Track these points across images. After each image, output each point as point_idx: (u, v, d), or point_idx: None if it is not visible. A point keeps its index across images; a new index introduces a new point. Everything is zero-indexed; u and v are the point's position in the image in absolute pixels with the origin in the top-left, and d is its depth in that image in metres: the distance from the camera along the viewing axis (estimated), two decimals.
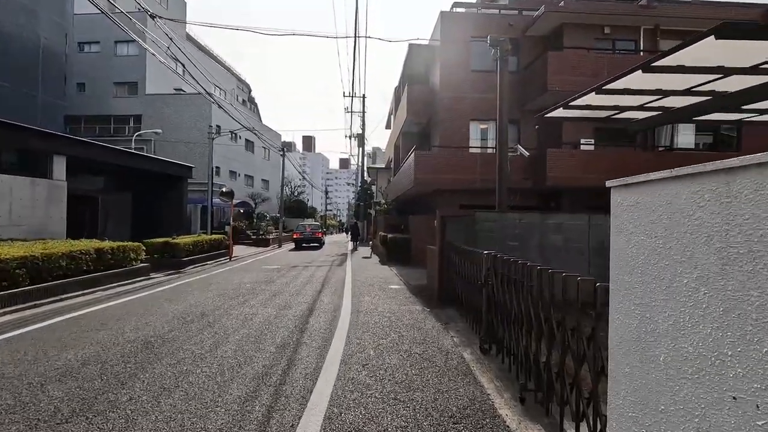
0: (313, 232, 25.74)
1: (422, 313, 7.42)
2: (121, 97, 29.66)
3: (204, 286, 10.50)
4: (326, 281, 11.45)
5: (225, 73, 43.27)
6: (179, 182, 19.08)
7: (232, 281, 11.42)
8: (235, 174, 33.13)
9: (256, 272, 13.61)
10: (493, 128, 16.52)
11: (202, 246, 16.68)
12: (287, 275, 12.81)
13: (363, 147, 35.35)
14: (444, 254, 8.02)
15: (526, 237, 8.07)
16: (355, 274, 13.20)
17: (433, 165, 15.04)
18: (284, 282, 11.28)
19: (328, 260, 17.95)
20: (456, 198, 15.94)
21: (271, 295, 9.08)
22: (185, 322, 6.50)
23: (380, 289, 10.07)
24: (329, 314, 7.16)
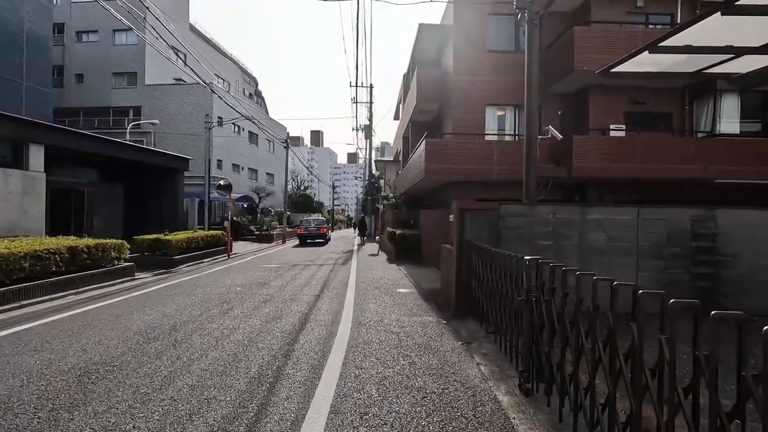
0: (317, 228, 24.57)
1: (437, 326, 6.15)
2: (120, 88, 28.69)
3: (190, 290, 9.34)
4: (327, 283, 10.23)
5: (229, 65, 42.15)
6: (175, 175, 17.98)
7: (222, 283, 10.25)
8: (238, 167, 32.05)
9: (253, 272, 12.45)
10: (512, 114, 15.13)
11: (197, 243, 15.58)
12: (285, 276, 11.62)
13: (370, 139, 34.06)
14: (463, 255, 6.73)
15: (561, 235, 6.73)
16: (360, 274, 11.96)
17: (446, 154, 13.70)
18: (280, 284, 10.08)
19: (332, 258, 16.75)
20: (471, 191, 14.58)
21: (262, 302, 7.88)
22: (147, 340, 5.31)
23: (387, 294, 8.81)
24: (325, 329, 5.92)
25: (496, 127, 15.00)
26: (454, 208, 7.02)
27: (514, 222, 6.75)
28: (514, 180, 14.08)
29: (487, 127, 14.81)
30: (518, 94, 15.06)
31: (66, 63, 28.99)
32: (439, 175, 13.76)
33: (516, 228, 6.74)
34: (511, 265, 4.59)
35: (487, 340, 5.35)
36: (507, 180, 13.75)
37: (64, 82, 29.17)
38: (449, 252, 7.72)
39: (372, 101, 33.75)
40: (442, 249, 8.54)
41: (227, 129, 30.05)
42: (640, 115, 14.04)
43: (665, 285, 6.59)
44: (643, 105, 13.85)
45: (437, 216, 14.83)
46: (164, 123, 28.14)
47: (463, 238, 6.75)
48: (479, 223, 6.75)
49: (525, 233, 6.73)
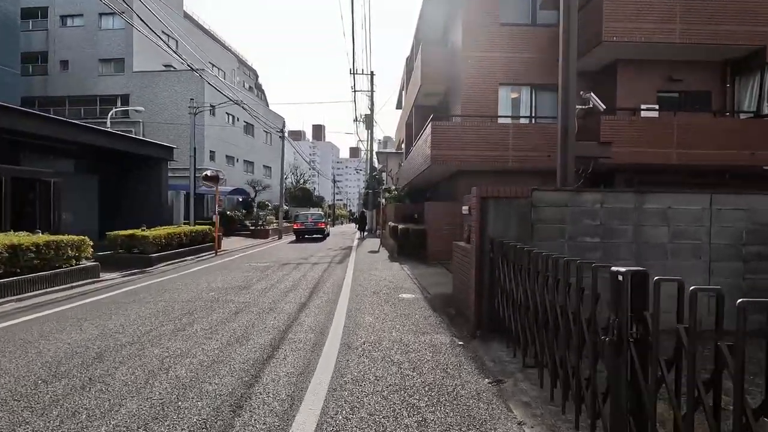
0: (315, 223, 23.10)
1: (452, 351, 4.65)
2: (107, 75, 27.17)
3: (154, 295, 7.88)
4: (318, 287, 8.75)
5: (225, 54, 40.52)
6: (157, 165, 16.50)
7: (196, 287, 8.79)
8: (233, 159, 30.54)
9: (236, 272, 10.99)
10: (527, 94, 13.53)
11: (179, 239, 14.12)
12: (271, 277, 10.15)
13: (372, 129, 32.48)
14: (484, 256, 5.22)
15: (612, 231, 5.20)
16: (358, 275, 10.48)
17: (454, 139, 12.15)
18: (263, 288, 8.61)
19: (328, 255, 15.27)
20: (482, 181, 12.99)
21: (233, 313, 6.40)
22: (52, 376, 3.84)
23: (387, 302, 7.32)
24: (303, 356, 4.44)
25: (509, 109, 13.41)
26: (473, 195, 5.50)
27: (551, 213, 5.22)
28: (531, 169, 12.55)
29: (500, 109, 13.23)
30: (535, 72, 13.50)
31: (50, 49, 27.49)
32: (446, 162, 12.21)
33: (553, 221, 5.21)
34: (568, 275, 3.08)
35: (524, 376, 3.84)
36: (523, 168, 12.21)
37: (49, 69, 27.69)
38: (464, 252, 6.21)
39: (373, 89, 32.14)
40: (455, 247, 7.04)
41: (220, 119, 28.53)
42: (674, 94, 12.43)
43: (746, 293, 5.08)
44: (679, 83, 12.23)
45: (444, 209, 13.31)
46: (154, 112, 26.65)
47: (485, 235, 5.23)
48: (505, 215, 5.22)
49: (565, 228, 5.21)
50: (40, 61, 27.99)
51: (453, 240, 13.56)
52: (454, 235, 13.50)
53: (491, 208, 5.23)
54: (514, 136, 12.16)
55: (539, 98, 13.47)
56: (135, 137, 15.29)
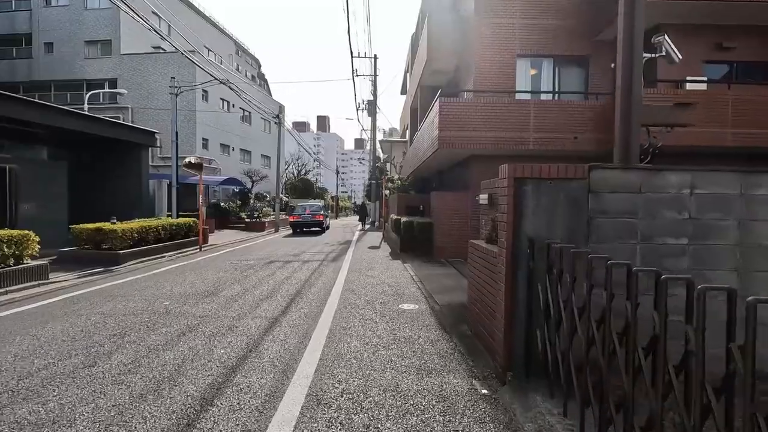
0: (312, 215, 21.51)
1: (475, 413, 3.06)
2: (94, 59, 25.62)
3: (94, 305, 6.36)
4: (301, 293, 7.20)
5: (221, 37, 38.77)
6: (136, 151, 14.97)
7: (154, 292, 7.27)
8: (228, 148, 28.96)
9: (212, 272, 9.46)
10: (549, 67, 11.76)
11: (156, 233, 12.61)
12: (250, 278, 8.60)
13: (375, 116, 30.72)
14: (518, 265, 3.59)
15: (707, 227, 3.55)
16: (352, 276, 8.91)
17: (465, 118, 10.47)
18: (233, 294, 7.07)
19: (323, 251, 13.71)
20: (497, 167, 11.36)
21: (177, 335, 4.86)
22: None
23: (384, 316, 5.73)
24: (241, 425, 2.87)
25: (529, 84, 11.67)
26: (503, 176, 3.85)
27: (617, 202, 3.57)
28: (555, 153, 10.86)
29: (519, 84, 11.50)
30: (558, 41, 11.75)
31: (34, 30, 25.95)
32: (456, 145, 10.54)
33: (619, 213, 3.57)
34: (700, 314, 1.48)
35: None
36: (547, 152, 10.52)
37: (33, 52, 26.18)
38: (485, 255, 4.59)
39: (376, 74, 30.34)
40: (471, 248, 5.41)
41: (214, 104, 26.96)
42: (724, 63, 10.63)
43: None
44: (731, 51, 10.42)
45: (453, 200, 11.68)
46: (143, 97, 25.12)
47: (521, 233, 3.59)
48: (549, 205, 3.59)
49: (636, 224, 3.56)
50: (24, 44, 26.50)
51: (462, 234, 11.98)
52: (463, 229, 11.92)
53: (530, 194, 3.60)
54: (535, 115, 10.46)
55: (563, 72, 11.72)
56: (109, 119, 13.73)
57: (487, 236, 4.96)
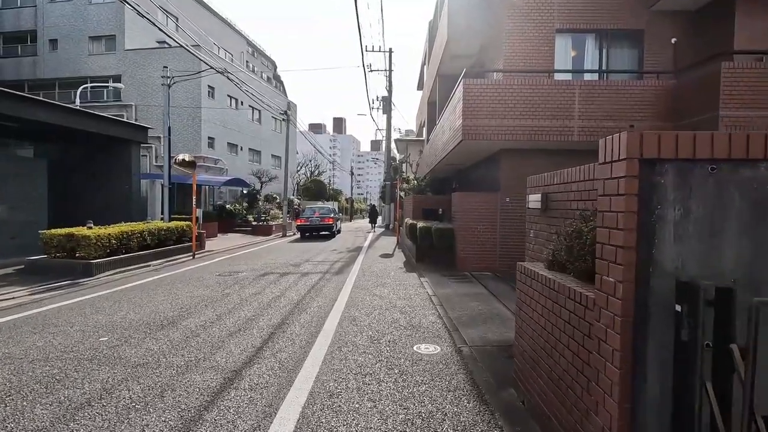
0: (321, 218, 19.91)
1: None
2: (98, 55, 24.65)
3: (13, 339, 4.83)
4: (286, 322, 5.55)
5: (233, 35, 37.69)
6: (126, 149, 13.64)
7: (103, 318, 5.73)
8: (236, 147, 27.63)
9: (190, 289, 7.91)
10: (594, 43, 9.87)
11: (140, 239, 11.19)
12: (231, 298, 7.00)
13: (390, 114, 29.06)
14: (646, 336, 1.82)
15: None
16: (356, 296, 7.22)
17: (494, 103, 8.69)
18: (199, 324, 5.46)
19: (328, 260, 12.07)
20: (532, 163, 9.54)
21: (84, 402, 3.24)
22: None
23: (392, 368, 4.02)
24: None
25: (570, 63, 9.81)
26: (617, 152, 2.04)
27: None
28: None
29: (558, 63, 9.65)
30: (605, 13, 9.87)
31: (39, 27, 25.17)
32: (484, 136, 8.76)
33: None
34: None
35: None
36: (595, 145, 8.66)
37: (38, 49, 25.39)
38: (557, 294, 2.80)
39: (391, 69, 28.70)
40: (523, 275, 3.60)
41: (221, 101, 25.69)
42: None
43: None
44: None
45: (479, 201, 9.89)
46: (147, 94, 24.03)
47: (656, 268, 1.82)
48: (711, 212, 1.81)
49: None
50: (29, 41, 25.76)
51: (490, 242, 10.16)
52: (491, 237, 10.07)
53: (672, 191, 1.82)
54: (581, 99, 8.61)
55: (612, 49, 9.82)
56: (92, 112, 12.40)
57: (548, 260, 3.21)
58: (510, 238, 9.67)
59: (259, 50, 70.21)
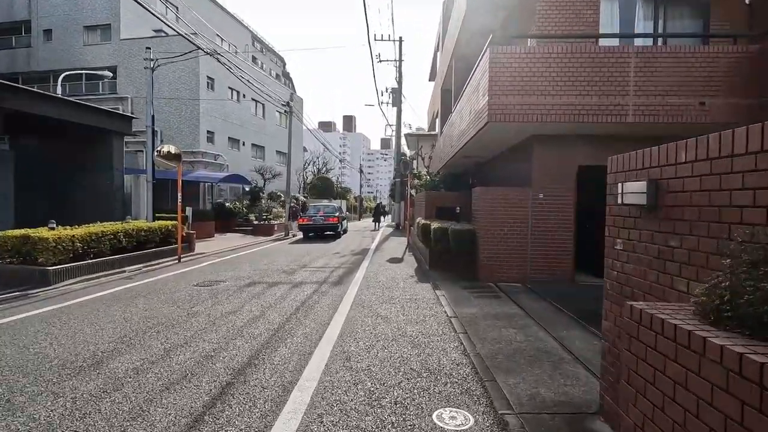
0: (325, 217, 18.39)
1: None
2: (93, 45, 23.50)
3: None
4: (254, 362, 4.02)
5: (237, 27, 36.37)
6: (107, 140, 12.29)
7: (10, 354, 4.26)
8: (237, 142, 26.25)
9: (150, 305, 6.44)
10: (646, 4, 8.12)
11: (113, 241, 9.80)
12: (196, 322, 5.50)
13: (399, 105, 27.45)
14: None
15: None
16: (355, 318, 5.66)
17: (526, 77, 7.06)
18: (135, 364, 3.96)
19: (329, 265, 10.54)
20: (572, 152, 7.90)
21: None
22: None
23: None
24: None
25: (617, 26, 8.08)
26: None
27: None
28: (664, 127, 7.24)
29: (604, 28, 7.95)
30: None
31: (33, 17, 24.10)
32: (514, 117, 7.11)
33: None
34: None
35: None
36: (656, 127, 6.94)
37: (32, 40, 24.33)
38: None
39: (401, 58, 27.07)
40: (647, 330, 1.94)
41: (222, 93, 24.33)
42: None
43: None
44: None
45: (508, 198, 8.24)
46: (144, 86, 22.70)
47: None
48: None
49: None
50: (23, 32, 24.72)
51: (520, 247, 8.45)
52: (521, 241, 8.33)
53: None
54: (638, 70, 6.91)
55: (670, 10, 8.08)
56: (69, 99, 11.07)
57: (704, 304, 1.59)
58: (544, 241, 8.02)
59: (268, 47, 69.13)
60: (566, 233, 7.98)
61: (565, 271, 8.01)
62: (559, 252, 8.01)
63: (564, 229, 7.99)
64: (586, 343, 4.68)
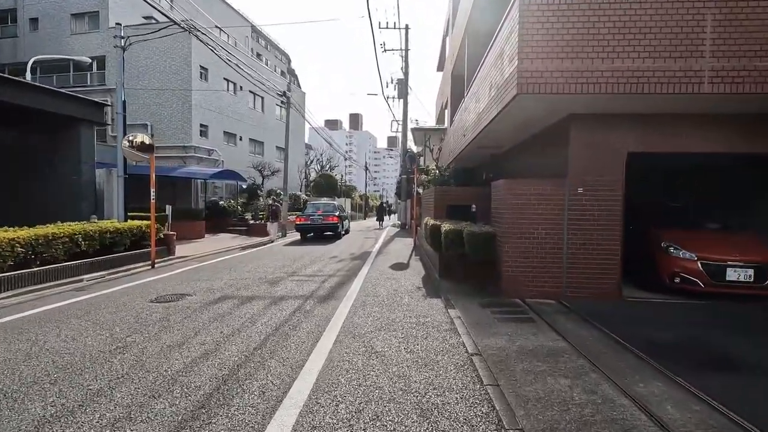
0: (324, 217, 16.86)
1: None
2: (81, 34, 22.19)
3: None
4: None
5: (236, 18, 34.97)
6: (73, 130, 10.88)
7: None
8: (234, 137, 24.80)
9: (87, 328, 4.97)
10: None
11: (69, 245, 8.37)
12: (125, 357, 3.99)
13: (406, 98, 25.85)
14: None
15: None
16: (341, 357, 4.10)
17: (566, 35, 5.44)
18: None
19: (321, 273, 9.01)
20: (623, 135, 6.30)
21: None
22: None
23: None
24: None
25: None
26: None
27: None
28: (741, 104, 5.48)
29: None
30: None
31: (19, 5, 22.88)
32: (551, 86, 5.49)
33: None
34: None
35: None
36: (724, 105, 5.32)
37: (18, 30, 23.13)
38: None
39: (407, 47, 25.45)
40: None
41: (216, 84, 22.91)
42: None
43: None
44: None
45: (537, 193, 6.64)
46: (132, 76, 21.43)
47: None
48: None
49: None
50: (9, 21, 23.52)
51: (555, 254, 6.60)
52: (555, 248, 6.68)
53: None
54: (716, 22, 5.26)
55: None
56: (23, 81, 9.65)
57: None
58: (583, 247, 6.41)
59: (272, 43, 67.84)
60: (612, 236, 6.36)
61: (610, 284, 6.39)
62: (602, 260, 6.39)
63: (609, 231, 6.37)
64: (683, 408, 3.09)
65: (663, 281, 6.70)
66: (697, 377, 3.56)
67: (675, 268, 6.57)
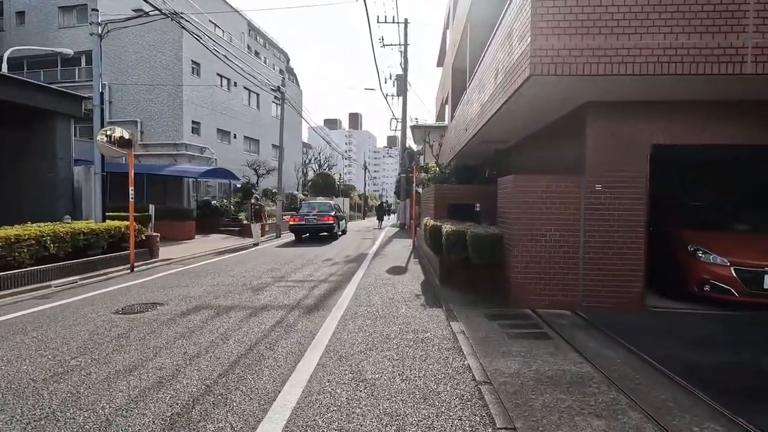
0: (319, 216, 16.14)
1: None
2: (69, 28, 21.49)
3: None
4: None
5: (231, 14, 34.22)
6: (48, 125, 10.16)
7: None
8: (228, 135, 24.06)
9: (33, 342, 4.24)
10: None
11: (35, 248, 7.65)
12: (59, 388, 3.26)
13: (405, 95, 25.13)
14: None
15: None
16: (321, 389, 3.38)
17: (587, 5, 4.72)
18: None
19: (312, 278, 8.29)
20: (642, 125, 5.58)
21: None
22: None
23: None
24: None
25: None
26: None
27: None
28: None
29: None
30: None
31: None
32: (568, 67, 4.77)
33: None
34: None
35: None
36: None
37: (4, 23, 22.40)
38: None
39: (407, 42, 24.75)
40: None
41: (208, 80, 22.16)
42: None
43: None
44: None
45: (550, 190, 5.91)
46: (121, 71, 20.76)
47: None
48: None
49: None
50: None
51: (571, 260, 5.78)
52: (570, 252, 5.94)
53: None
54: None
55: None
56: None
57: None
58: (602, 250, 5.69)
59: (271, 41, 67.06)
60: (634, 238, 5.64)
61: (633, 292, 5.68)
62: (623, 265, 5.67)
63: (631, 233, 5.65)
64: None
65: (690, 289, 5.99)
66: (763, 416, 2.85)
67: (704, 274, 5.84)
